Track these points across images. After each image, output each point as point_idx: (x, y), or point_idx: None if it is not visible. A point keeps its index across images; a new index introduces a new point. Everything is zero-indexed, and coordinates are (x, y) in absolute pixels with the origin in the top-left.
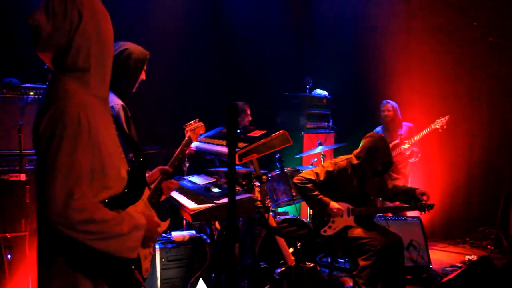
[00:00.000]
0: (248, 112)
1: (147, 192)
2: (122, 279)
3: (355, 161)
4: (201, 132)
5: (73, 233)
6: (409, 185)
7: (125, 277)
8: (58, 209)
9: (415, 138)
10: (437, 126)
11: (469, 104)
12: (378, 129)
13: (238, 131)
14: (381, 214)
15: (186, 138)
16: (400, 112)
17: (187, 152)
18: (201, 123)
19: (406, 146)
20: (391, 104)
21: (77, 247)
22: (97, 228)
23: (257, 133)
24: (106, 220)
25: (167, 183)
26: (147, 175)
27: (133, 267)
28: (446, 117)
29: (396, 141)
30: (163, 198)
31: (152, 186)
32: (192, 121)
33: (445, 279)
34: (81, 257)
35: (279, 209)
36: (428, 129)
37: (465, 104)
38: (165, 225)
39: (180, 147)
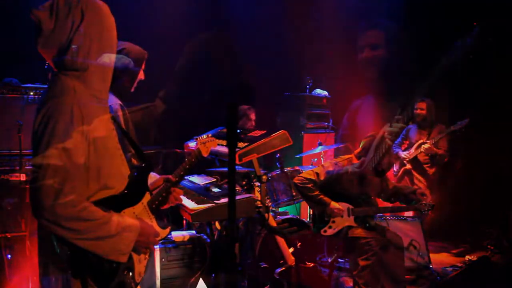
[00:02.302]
0: (252, 117)
1: (147, 197)
2: (112, 281)
3: (355, 161)
4: (212, 147)
5: (59, 229)
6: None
7: (116, 279)
8: (47, 203)
9: (435, 139)
10: (456, 129)
11: (468, 104)
12: (411, 127)
13: (238, 131)
14: (381, 214)
15: (195, 151)
16: (434, 112)
17: (195, 162)
18: (213, 138)
19: (426, 146)
20: (425, 102)
21: (67, 245)
22: (82, 226)
23: (257, 133)
24: (93, 219)
25: (173, 192)
26: (150, 181)
27: (125, 272)
28: (466, 120)
29: (421, 141)
30: (166, 206)
31: (154, 192)
32: (204, 135)
33: (445, 279)
34: (70, 254)
35: (279, 209)
36: (447, 130)
37: (465, 104)
38: (164, 233)
39: (188, 159)
